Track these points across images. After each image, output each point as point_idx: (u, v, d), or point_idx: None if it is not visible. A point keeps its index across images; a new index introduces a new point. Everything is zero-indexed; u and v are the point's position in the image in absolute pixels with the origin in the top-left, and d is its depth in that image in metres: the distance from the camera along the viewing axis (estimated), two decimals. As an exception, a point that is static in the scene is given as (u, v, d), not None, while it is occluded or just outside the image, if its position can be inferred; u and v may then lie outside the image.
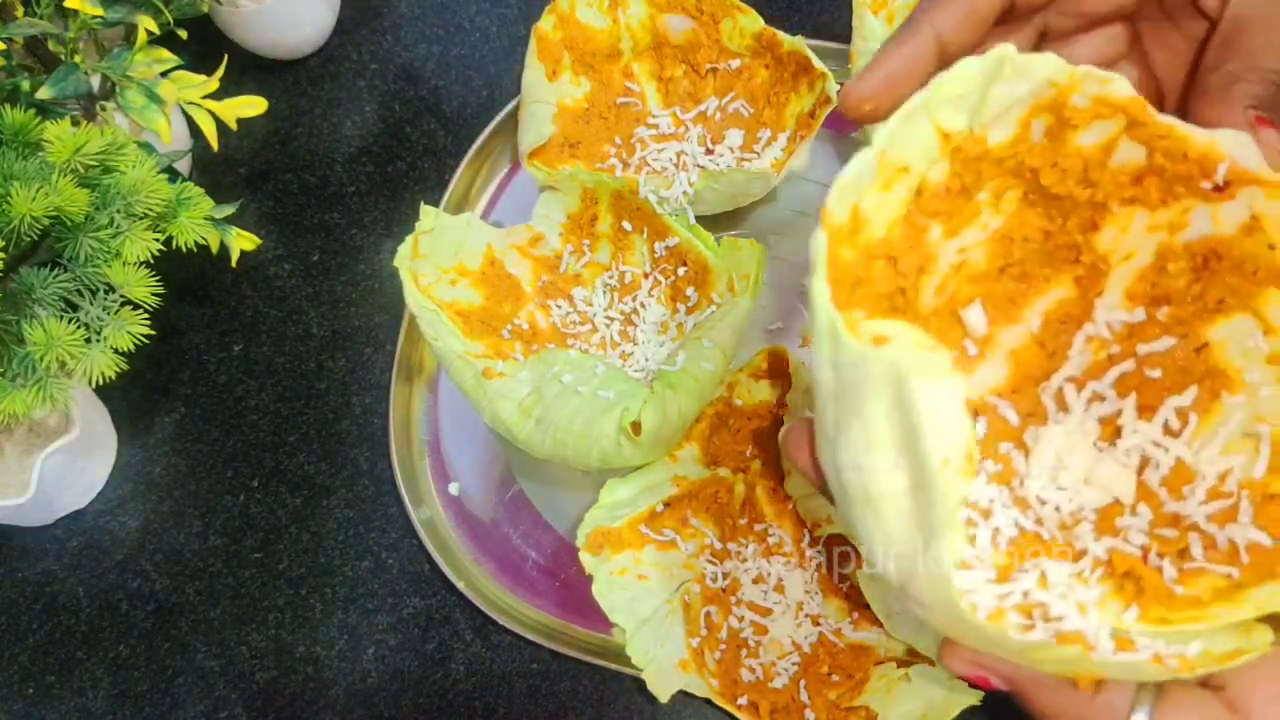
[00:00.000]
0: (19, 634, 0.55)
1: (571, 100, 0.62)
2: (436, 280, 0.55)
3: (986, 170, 0.32)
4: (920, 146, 0.30)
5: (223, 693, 0.53)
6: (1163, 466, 0.32)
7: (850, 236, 0.30)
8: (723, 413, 0.54)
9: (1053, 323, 0.35)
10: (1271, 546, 0.29)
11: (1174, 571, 0.31)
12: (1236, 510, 0.30)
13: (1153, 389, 0.33)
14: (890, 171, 0.30)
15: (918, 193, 0.32)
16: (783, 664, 0.50)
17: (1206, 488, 0.31)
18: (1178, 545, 0.31)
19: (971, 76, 0.29)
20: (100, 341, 0.46)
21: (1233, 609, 0.28)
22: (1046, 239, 0.34)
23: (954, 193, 0.32)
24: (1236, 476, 0.31)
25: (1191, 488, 0.32)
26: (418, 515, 0.55)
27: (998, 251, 0.34)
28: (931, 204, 0.32)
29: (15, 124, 0.45)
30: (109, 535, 0.57)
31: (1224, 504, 0.31)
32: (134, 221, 0.46)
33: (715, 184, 0.56)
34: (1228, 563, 0.30)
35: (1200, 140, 0.30)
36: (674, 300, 0.56)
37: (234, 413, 0.59)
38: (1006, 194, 0.33)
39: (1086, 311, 0.34)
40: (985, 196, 0.33)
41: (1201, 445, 0.32)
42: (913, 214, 0.32)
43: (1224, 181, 0.30)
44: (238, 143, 0.64)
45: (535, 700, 0.52)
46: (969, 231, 0.34)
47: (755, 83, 0.60)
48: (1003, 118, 0.31)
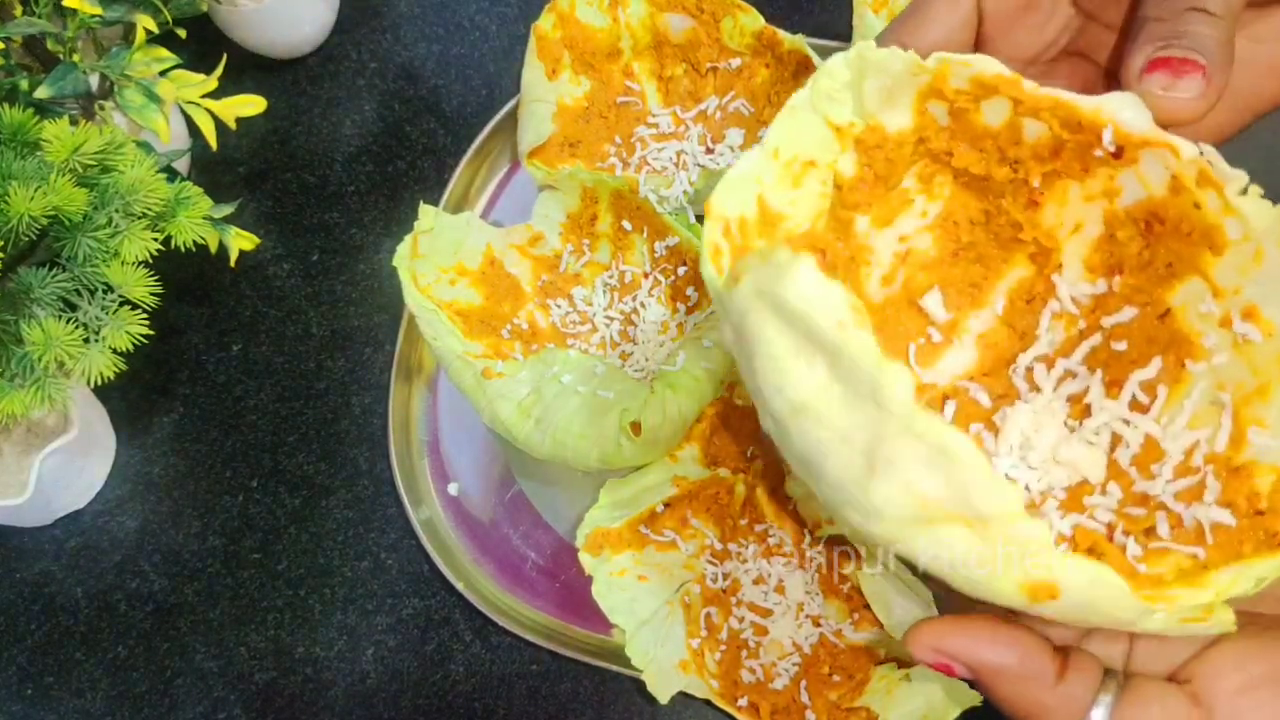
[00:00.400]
0: (17, 635, 0.55)
1: (571, 99, 0.62)
2: (436, 280, 0.54)
3: (898, 157, 0.32)
4: (816, 140, 0.31)
5: (221, 694, 0.53)
6: (1132, 444, 0.31)
7: (765, 228, 0.30)
8: (723, 413, 0.54)
9: (1018, 303, 0.34)
10: (1236, 526, 0.28)
11: (1139, 550, 0.30)
12: (1203, 487, 0.29)
13: (1120, 362, 0.32)
14: (796, 167, 0.31)
15: (837, 187, 0.32)
16: (783, 665, 0.50)
17: (1174, 464, 0.30)
18: (1144, 524, 0.30)
19: (838, 73, 0.30)
20: (99, 341, 0.46)
21: (1195, 591, 0.27)
22: (989, 220, 0.33)
23: (870, 182, 0.32)
24: (1203, 450, 0.30)
25: (1160, 465, 0.31)
26: (417, 516, 0.55)
27: (946, 237, 0.34)
28: (852, 196, 0.32)
29: (14, 123, 0.45)
30: (107, 536, 0.57)
31: (1191, 481, 0.30)
32: (132, 221, 0.46)
33: (715, 183, 0.56)
34: (1194, 543, 0.29)
35: (1086, 107, 0.29)
36: (674, 300, 0.56)
37: (233, 413, 0.59)
38: (936, 179, 0.33)
39: (1049, 289, 0.33)
40: (912, 184, 0.33)
41: (1170, 419, 0.31)
42: (835, 207, 0.32)
43: (1115, 148, 0.29)
44: (237, 142, 0.64)
45: (535, 701, 0.52)
46: (905, 220, 0.33)
47: (756, 82, 0.60)
48: (891, 106, 0.31)
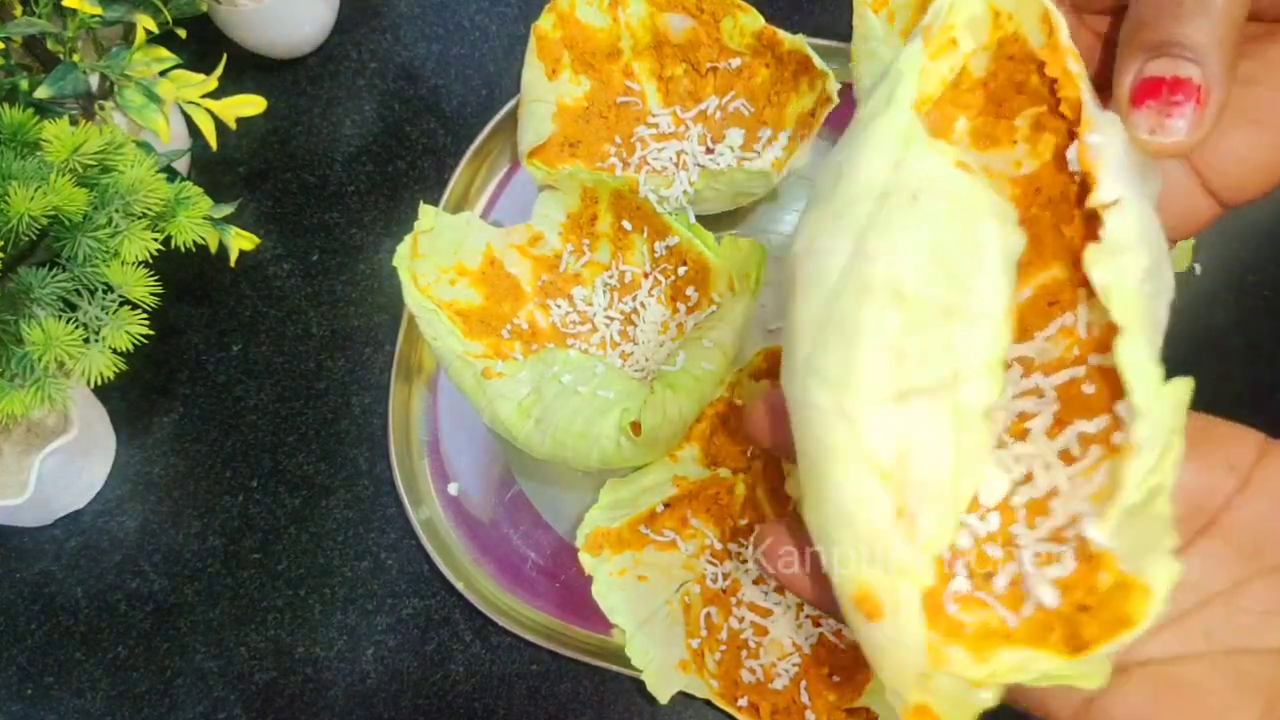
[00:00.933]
0: (17, 635, 0.55)
1: (571, 99, 0.62)
2: (436, 280, 0.54)
3: (1027, 86, 0.29)
4: (972, 17, 0.28)
5: (221, 694, 0.53)
6: (1038, 490, 0.29)
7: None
8: (723, 413, 0.54)
9: (1040, 299, 0.32)
10: (1056, 612, 0.26)
11: (965, 587, 0.28)
12: (1058, 560, 0.27)
13: (1079, 405, 0.29)
14: (944, 38, 0.28)
15: (955, 83, 0.29)
16: (783, 665, 0.50)
17: (1053, 526, 0.28)
18: (989, 567, 0.28)
19: None
20: (99, 341, 0.46)
21: (970, 660, 0.26)
22: (1058, 205, 0.30)
23: (988, 97, 0.29)
24: (1081, 526, 0.27)
25: (1044, 520, 0.28)
26: (417, 516, 0.55)
27: (1023, 198, 0.30)
28: (964, 97, 0.29)
29: (14, 123, 0.45)
30: (107, 536, 0.57)
31: (1056, 549, 0.28)
32: (132, 221, 0.46)
33: (715, 183, 0.56)
34: (1013, 608, 0.27)
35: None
36: (674, 300, 0.56)
37: (233, 413, 0.59)
38: (1045, 136, 0.29)
39: (1073, 300, 0.31)
40: (1024, 125, 0.29)
41: (1083, 483, 0.28)
42: (945, 99, 0.29)
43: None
44: (236, 142, 0.64)
45: (535, 701, 0.52)
46: (995, 156, 0.30)
47: (756, 82, 0.60)
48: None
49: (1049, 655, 0.26)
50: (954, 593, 0.28)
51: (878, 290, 0.26)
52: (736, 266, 0.53)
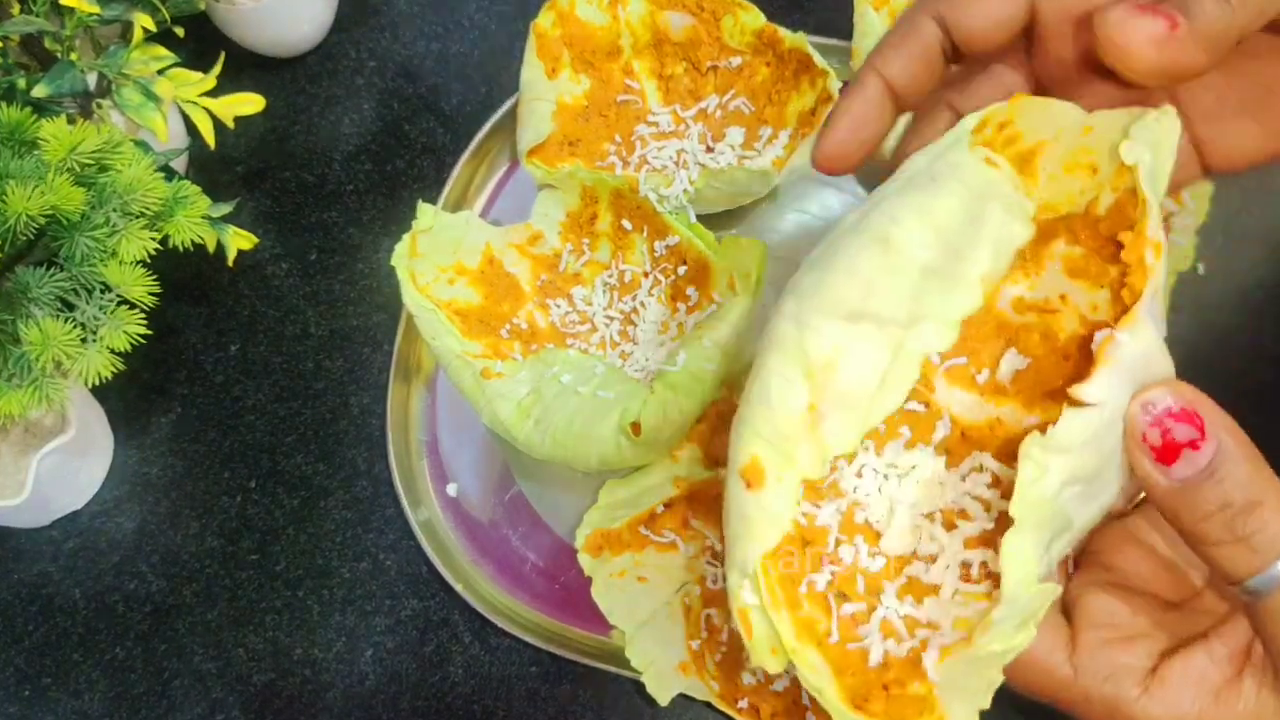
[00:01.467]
0: (14, 636, 0.55)
1: (571, 98, 0.61)
2: (434, 279, 0.54)
3: (1105, 252, 0.31)
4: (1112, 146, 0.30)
5: (220, 695, 0.53)
6: (928, 578, 0.30)
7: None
8: (724, 413, 0.54)
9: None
10: (911, 693, 0.27)
11: (824, 585, 0.29)
12: (900, 639, 0.28)
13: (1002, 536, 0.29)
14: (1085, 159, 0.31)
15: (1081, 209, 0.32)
16: (784, 666, 0.50)
17: (912, 614, 0.29)
18: (846, 591, 0.29)
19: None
20: (96, 341, 0.46)
21: (790, 633, 0.28)
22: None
23: (1088, 228, 0.31)
24: (930, 641, 0.28)
25: (911, 604, 0.29)
26: (416, 516, 0.55)
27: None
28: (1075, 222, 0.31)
29: (11, 122, 0.45)
30: (105, 536, 0.57)
31: (901, 629, 0.29)
32: (130, 220, 0.46)
33: (716, 182, 0.56)
34: (843, 632, 0.29)
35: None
36: (674, 299, 0.56)
37: (231, 413, 0.59)
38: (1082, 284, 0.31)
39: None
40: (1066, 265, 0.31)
41: (960, 605, 0.29)
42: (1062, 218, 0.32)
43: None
44: (235, 141, 0.64)
45: (534, 703, 0.52)
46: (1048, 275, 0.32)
47: (756, 80, 0.60)
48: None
49: (834, 686, 0.28)
50: (812, 582, 0.30)
51: (869, 234, 0.30)
52: (737, 266, 0.53)
